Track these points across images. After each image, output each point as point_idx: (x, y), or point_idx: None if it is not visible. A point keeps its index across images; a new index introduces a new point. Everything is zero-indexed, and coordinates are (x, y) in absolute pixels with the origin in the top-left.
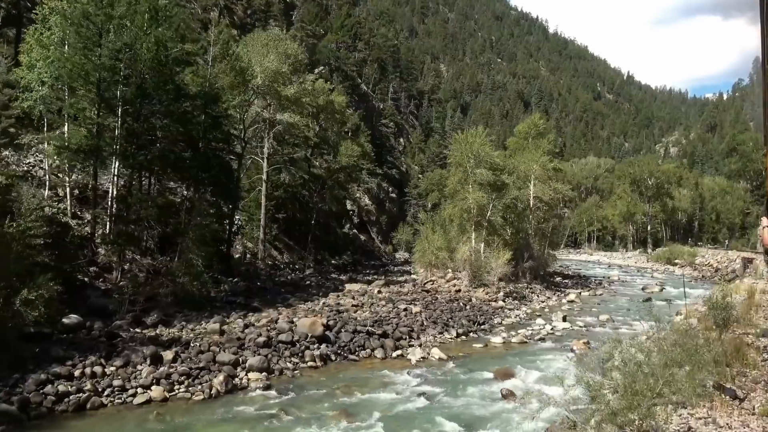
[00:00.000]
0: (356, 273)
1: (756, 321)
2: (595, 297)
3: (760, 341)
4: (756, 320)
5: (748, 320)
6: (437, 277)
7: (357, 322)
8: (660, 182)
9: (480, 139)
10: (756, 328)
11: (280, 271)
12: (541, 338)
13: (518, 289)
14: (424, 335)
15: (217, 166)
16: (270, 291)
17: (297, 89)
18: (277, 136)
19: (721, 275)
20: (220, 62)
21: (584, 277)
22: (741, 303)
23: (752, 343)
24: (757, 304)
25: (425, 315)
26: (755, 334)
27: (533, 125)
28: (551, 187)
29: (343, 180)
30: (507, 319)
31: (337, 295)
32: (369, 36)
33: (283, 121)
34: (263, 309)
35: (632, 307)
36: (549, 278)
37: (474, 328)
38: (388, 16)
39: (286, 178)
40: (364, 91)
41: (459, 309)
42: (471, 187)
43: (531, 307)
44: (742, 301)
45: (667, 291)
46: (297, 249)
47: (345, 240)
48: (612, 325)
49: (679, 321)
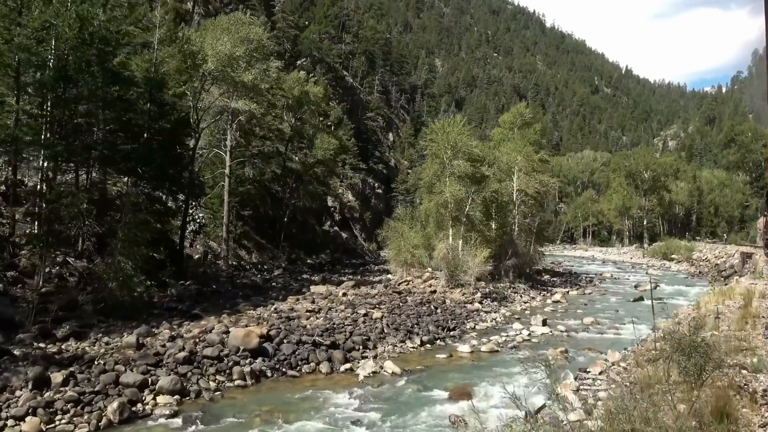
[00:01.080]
0: (332, 273)
1: (752, 342)
2: (583, 296)
3: (760, 381)
4: (753, 340)
5: (742, 342)
6: (413, 277)
7: (305, 331)
8: (656, 175)
9: (458, 128)
10: (753, 355)
11: (246, 273)
12: (515, 346)
13: (499, 289)
14: (382, 345)
15: (160, 158)
16: (224, 295)
17: (255, 75)
18: (242, 127)
19: (717, 272)
20: (168, 46)
21: (575, 274)
22: (734, 313)
23: (746, 385)
24: (755, 314)
25: (387, 321)
26: (751, 368)
27: (518, 114)
28: (537, 180)
29: (320, 175)
30: (481, 323)
31: (296, 298)
32: (357, 28)
33: (246, 111)
34: (204, 316)
35: (622, 307)
36: (535, 276)
37: (442, 335)
38: (380, 10)
39: (251, 172)
40: (351, 84)
41: (428, 313)
42: (448, 180)
43: (511, 309)
44: (736, 309)
45: (661, 289)
46: (270, 248)
47: (325, 238)
48: (597, 329)
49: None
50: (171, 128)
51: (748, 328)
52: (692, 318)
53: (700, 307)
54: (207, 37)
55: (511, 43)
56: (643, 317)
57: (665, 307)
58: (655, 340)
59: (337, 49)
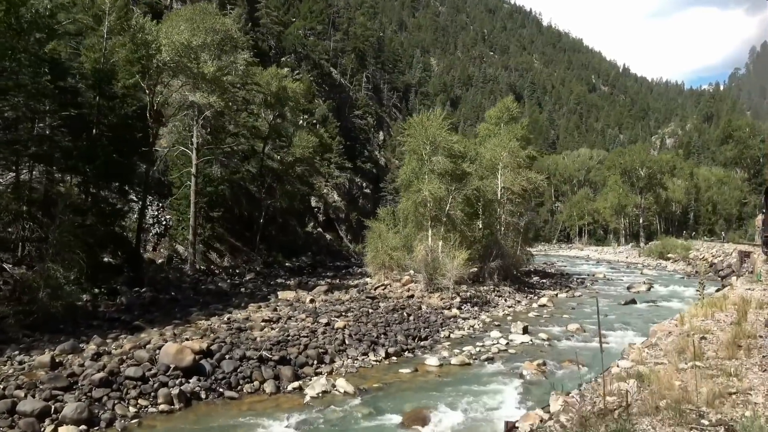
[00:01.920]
0: (311, 276)
1: (745, 378)
2: (572, 299)
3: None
4: (746, 374)
5: (731, 380)
6: (392, 281)
7: (253, 344)
8: (652, 172)
9: (437, 122)
10: (745, 404)
11: (214, 278)
12: (489, 358)
13: (482, 293)
14: (341, 358)
15: (106, 155)
16: (181, 303)
17: (217, 67)
18: (211, 124)
19: (713, 273)
20: (119, 35)
21: (566, 275)
22: (725, 331)
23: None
24: (749, 334)
25: (351, 331)
26: (741, 427)
27: (505, 109)
28: (524, 177)
29: (302, 174)
30: (457, 331)
31: (259, 306)
32: (348, 26)
33: (207, 105)
34: (146, 328)
35: (612, 311)
36: (523, 278)
37: (411, 346)
38: (373, 9)
39: (219, 171)
40: (339, 82)
41: (399, 321)
42: (427, 177)
43: (492, 315)
44: (727, 326)
45: (655, 290)
46: (246, 251)
47: (307, 240)
48: (581, 337)
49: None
50: (121, 123)
51: (741, 355)
52: (671, 340)
53: (684, 322)
54: (164, 26)
55: (508, 42)
56: (633, 323)
57: (657, 310)
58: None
59: (323, 45)
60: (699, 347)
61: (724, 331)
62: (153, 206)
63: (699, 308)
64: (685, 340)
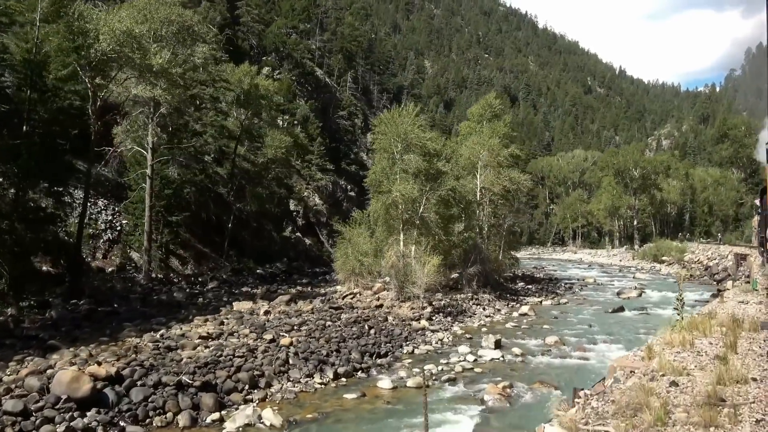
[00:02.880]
0: (284, 284)
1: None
2: (557, 307)
3: None
4: None
5: None
6: (362, 289)
7: (176, 367)
8: (646, 173)
9: (409, 118)
10: None
11: (172, 286)
12: (451, 379)
13: (458, 301)
14: (280, 381)
15: (30, 152)
16: (121, 316)
17: (164, 59)
18: (170, 122)
19: (709, 275)
20: (53, 23)
21: (555, 280)
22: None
23: None
24: (738, 377)
25: (298, 348)
26: None
27: (488, 106)
28: (507, 177)
29: (278, 176)
30: (423, 346)
31: (206, 319)
32: (336, 26)
33: (167, 103)
34: (61, 347)
35: (597, 320)
36: (507, 284)
37: (366, 364)
38: (364, 10)
39: (176, 172)
40: (325, 82)
41: (358, 335)
42: (398, 177)
43: (466, 326)
44: (709, 361)
45: (646, 296)
46: (214, 257)
47: (284, 245)
48: (559, 351)
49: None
50: (53, 118)
51: (724, 420)
52: (630, 385)
53: (653, 355)
54: (108, 15)
55: (503, 44)
56: (619, 334)
57: (647, 318)
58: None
59: (305, 44)
60: (665, 403)
61: (704, 371)
62: (108, 210)
63: (676, 332)
64: (647, 388)
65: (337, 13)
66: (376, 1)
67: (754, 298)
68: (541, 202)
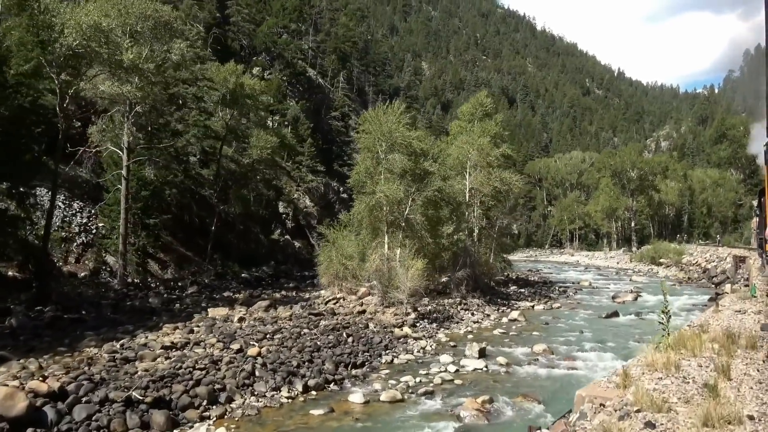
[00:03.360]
0: (269, 288)
1: None
2: (549, 312)
3: None
4: None
5: None
6: (346, 294)
7: (129, 381)
8: (643, 174)
9: (394, 116)
10: None
11: (149, 291)
12: (428, 392)
13: (445, 306)
14: (243, 395)
15: None
16: (88, 324)
17: (135, 55)
18: (147, 121)
19: (707, 278)
20: (17, 15)
21: (549, 283)
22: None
23: None
24: (732, 414)
25: (267, 359)
26: None
27: (479, 105)
28: (498, 177)
29: (266, 177)
30: (404, 354)
31: (176, 326)
32: (330, 26)
33: (144, 101)
34: (11, 359)
35: (590, 326)
36: (498, 288)
37: (340, 376)
38: (360, 11)
39: (152, 173)
40: (318, 83)
41: (335, 343)
42: (382, 178)
43: (451, 333)
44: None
45: (642, 300)
46: (197, 261)
47: (272, 248)
48: (547, 360)
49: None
50: (13, 115)
51: None
52: (597, 423)
53: (629, 382)
54: (75, 8)
55: (501, 46)
56: (612, 341)
57: (641, 324)
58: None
59: (296, 44)
60: None
61: (689, 405)
62: (83, 212)
63: (660, 351)
64: (617, 428)
65: (331, 14)
66: (374, 3)
67: (753, 306)
68: (538, 204)
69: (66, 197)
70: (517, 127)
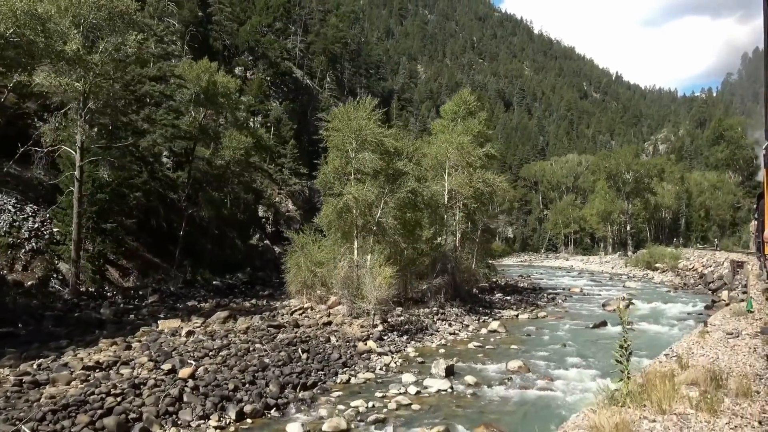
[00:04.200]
0: (241, 296)
1: None
2: (533, 321)
3: None
4: None
5: None
6: (315, 303)
7: (23, 412)
8: (639, 176)
9: (365, 113)
10: None
11: (105, 301)
12: (378, 419)
13: (419, 316)
14: (162, 426)
15: None
16: (21, 338)
17: (78, 45)
18: (101, 119)
19: (703, 283)
20: None
21: (539, 290)
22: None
23: None
24: None
25: (200, 381)
26: None
27: (462, 102)
28: (480, 178)
29: (245, 180)
30: (363, 373)
31: (114, 341)
32: (319, 27)
33: (96, 98)
34: None
35: (575, 338)
36: (483, 296)
37: (285, 399)
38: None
39: (106, 174)
40: (306, 84)
41: (287, 360)
42: (352, 178)
43: (422, 347)
44: None
45: (634, 308)
46: (165, 267)
47: (249, 253)
48: (521, 379)
49: None
50: None
51: None
52: None
53: None
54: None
55: (497, 50)
56: (596, 356)
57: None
58: None
59: (281, 43)
60: None
61: None
62: (36, 217)
63: (614, 404)
64: None
65: (322, 15)
66: (369, 6)
67: (749, 327)
68: (534, 208)
69: (18, 200)
70: (513, 131)
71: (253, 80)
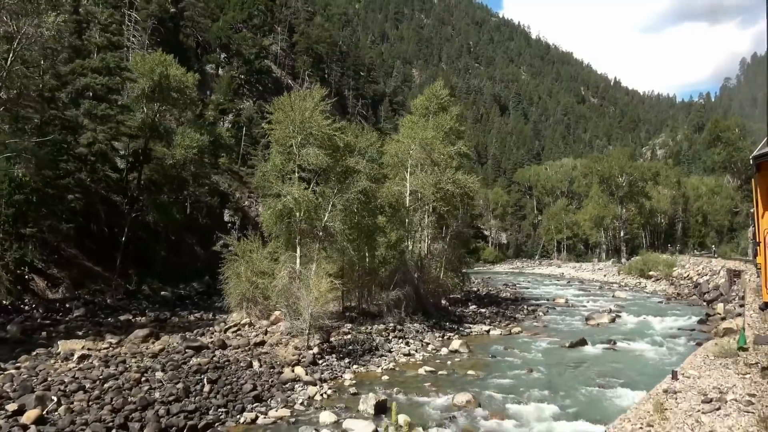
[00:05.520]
0: (186, 309)
1: None
2: (505, 338)
3: None
4: None
5: None
6: (256, 319)
7: None
8: (633, 180)
9: (311, 103)
10: None
11: (17, 315)
12: None
13: (372, 334)
14: None
15: None
16: None
17: None
18: (36, 113)
19: (698, 293)
20: None
21: (520, 300)
22: None
23: None
24: None
25: (51, 427)
26: None
27: (433, 96)
28: (450, 179)
29: (201, 182)
30: (277, 409)
31: None
32: (304, 26)
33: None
34: None
35: (546, 360)
36: (453, 308)
37: None
38: (345, 15)
39: (20, 172)
40: (287, 84)
41: (182, 395)
42: (295, 177)
43: (366, 371)
44: None
45: (620, 322)
46: (106, 276)
47: (211, 261)
48: (466, 416)
49: None
50: None
51: None
52: None
53: None
54: None
55: (494, 54)
56: (565, 387)
57: (613, 356)
58: None
59: (257, 40)
60: None
61: None
62: None
63: None
64: None
65: (308, 15)
66: (365, 10)
67: (740, 379)
68: (528, 213)
69: None
70: (509, 135)
71: (221, 76)
